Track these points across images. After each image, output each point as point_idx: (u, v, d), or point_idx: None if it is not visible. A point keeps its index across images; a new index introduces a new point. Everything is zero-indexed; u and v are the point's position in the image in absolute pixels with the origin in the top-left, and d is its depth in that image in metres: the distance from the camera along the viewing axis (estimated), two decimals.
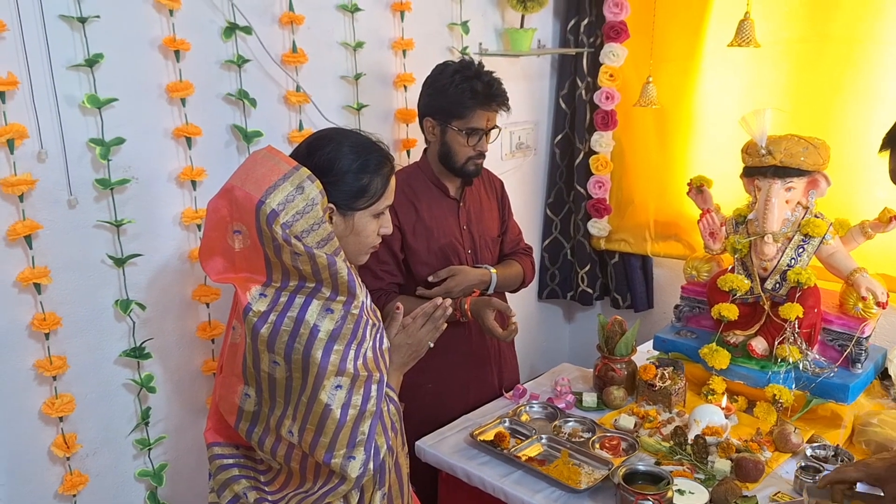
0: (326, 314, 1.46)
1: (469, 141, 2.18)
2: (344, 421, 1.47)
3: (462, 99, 2.13)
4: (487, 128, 2.19)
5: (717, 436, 2.02)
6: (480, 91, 2.14)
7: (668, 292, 3.25)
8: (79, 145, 1.87)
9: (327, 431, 1.47)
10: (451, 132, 2.18)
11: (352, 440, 1.48)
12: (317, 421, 1.47)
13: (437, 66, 2.21)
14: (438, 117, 2.20)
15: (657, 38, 2.86)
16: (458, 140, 2.18)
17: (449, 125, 2.18)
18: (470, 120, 2.16)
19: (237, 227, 1.47)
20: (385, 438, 1.55)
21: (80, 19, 1.79)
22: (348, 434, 1.48)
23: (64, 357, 1.92)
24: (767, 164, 2.24)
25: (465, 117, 2.16)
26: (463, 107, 2.14)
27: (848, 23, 2.55)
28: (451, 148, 2.20)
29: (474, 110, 2.15)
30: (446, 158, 2.23)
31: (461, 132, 2.17)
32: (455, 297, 2.21)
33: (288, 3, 2.21)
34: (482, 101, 2.15)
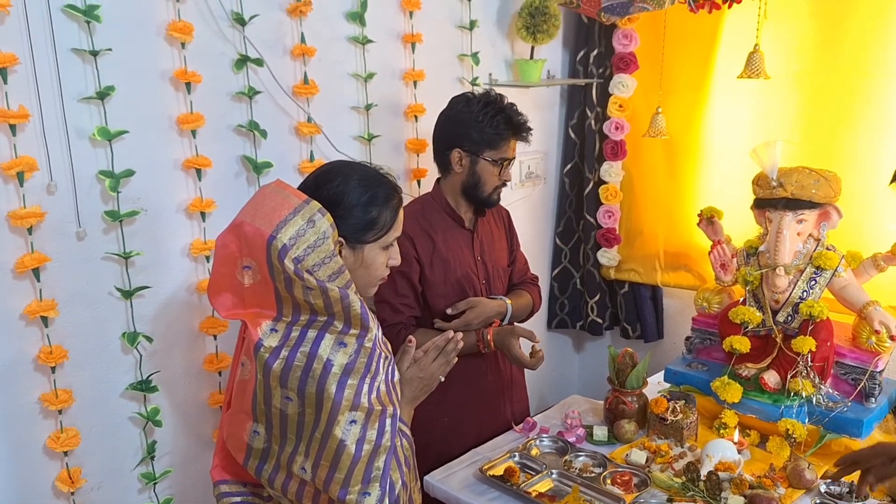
0: (340, 348, 1.45)
1: (498, 170, 2.21)
2: (359, 456, 1.45)
3: (498, 130, 2.16)
4: (513, 156, 2.24)
5: (730, 471, 1.99)
6: (515, 122, 2.19)
7: (679, 322, 3.22)
8: (88, 177, 1.87)
9: (342, 467, 1.44)
10: (482, 163, 2.19)
11: (367, 476, 1.46)
12: (331, 457, 1.44)
13: (457, 98, 2.21)
14: (469, 148, 2.19)
15: (666, 69, 2.87)
16: (489, 170, 2.20)
17: (481, 156, 2.19)
18: (502, 150, 2.19)
19: (247, 263, 1.46)
20: (400, 474, 1.52)
21: (92, 52, 1.80)
22: (363, 469, 1.46)
23: (70, 390, 1.91)
24: (778, 197, 2.22)
25: (498, 147, 2.18)
26: (500, 138, 2.17)
27: (858, 55, 2.55)
28: (482, 178, 2.21)
29: (508, 140, 2.19)
30: (474, 188, 2.23)
31: (494, 162, 2.19)
32: (475, 329, 2.21)
33: (300, 36, 2.22)
34: (515, 131, 2.19)
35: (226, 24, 2.06)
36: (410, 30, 2.55)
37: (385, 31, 2.49)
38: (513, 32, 2.91)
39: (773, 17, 2.63)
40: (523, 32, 2.81)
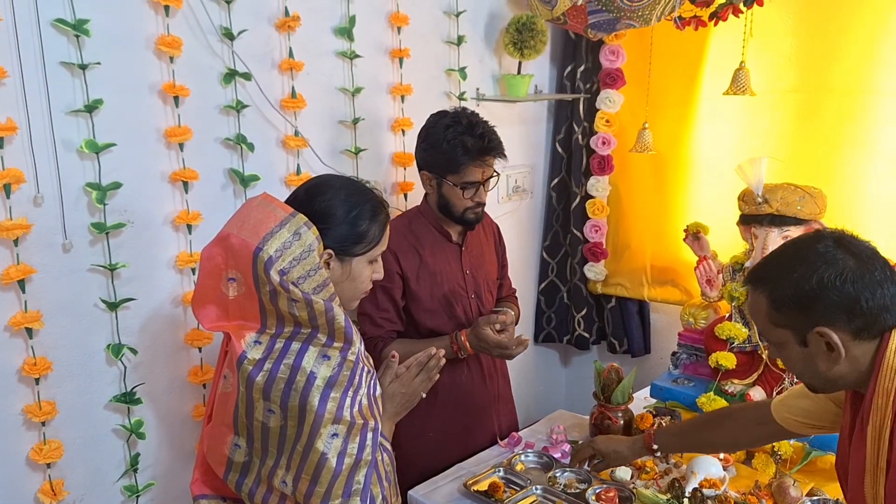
0: (323, 361, 1.45)
1: (465, 194, 2.15)
2: (340, 469, 1.45)
3: (455, 155, 2.10)
4: (483, 179, 2.15)
5: (714, 488, 1.99)
6: (472, 147, 2.09)
7: (666, 337, 3.23)
8: (75, 190, 1.87)
9: (323, 481, 1.44)
10: (446, 186, 2.15)
11: (347, 489, 1.46)
12: (312, 470, 1.44)
13: (431, 116, 2.18)
14: (434, 171, 2.17)
15: (653, 85, 2.89)
16: (454, 193, 2.15)
17: (444, 179, 2.15)
18: (464, 175, 2.12)
19: (232, 275, 1.46)
20: (381, 488, 1.52)
21: (81, 66, 1.80)
22: (344, 483, 1.45)
23: (53, 402, 1.89)
24: (764, 213, 2.25)
25: (459, 173, 2.12)
26: (456, 163, 2.10)
27: (842, 73, 2.58)
28: (449, 200, 2.18)
29: (468, 166, 2.11)
30: (445, 209, 2.21)
31: (457, 186, 2.14)
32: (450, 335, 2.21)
33: (288, 50, 2.23)
34: (474, 157, 2.10)
35: (214, 38, 2.06)
36: (398, 45, 2.56)
37: (373, 45, 2.50)
38: (500, 48, 2.92)
39: (759, 34, 2.66)
40: (511, 48, 2.83)
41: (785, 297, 1.33)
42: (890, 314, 1.29)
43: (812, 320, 1.30)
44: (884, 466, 1.30)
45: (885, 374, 1.30)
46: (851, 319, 1.29)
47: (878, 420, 1.30)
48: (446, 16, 2.75)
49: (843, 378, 1.35)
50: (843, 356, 1.31)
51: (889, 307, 1.29)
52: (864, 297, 1.27)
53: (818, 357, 1.34)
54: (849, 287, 1.27)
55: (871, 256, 1.31)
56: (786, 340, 1.37)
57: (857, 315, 1.28)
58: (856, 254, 1.30)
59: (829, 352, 1.32)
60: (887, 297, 1.28)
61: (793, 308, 1.32)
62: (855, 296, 1.27)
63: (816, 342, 1.32)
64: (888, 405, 1.29)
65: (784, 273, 1.34)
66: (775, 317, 1.36)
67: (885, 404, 1.29)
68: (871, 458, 1.32)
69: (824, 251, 1.31)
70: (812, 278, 1.29)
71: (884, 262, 1.32)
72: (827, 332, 1.29)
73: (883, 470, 1.30)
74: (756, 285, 1.40)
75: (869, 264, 1.29)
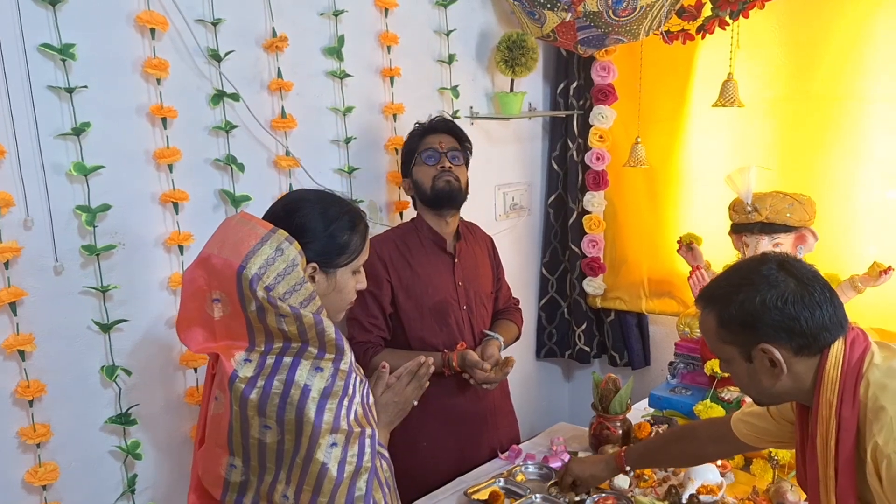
0: (316, 373, 1.45)
1: (428, 163, 2.28)
2: (341, 478, 1.45)
3: (410, 140, 2.34)
4: (442, 149, 2.30)
5: (712, 494, 1.98)
6: (420, 126, 2.35)
7: (665, 349, 3.22)
8: (65, 212, 1.88)
9: (325, 491, 1.44)
10: (415, 170, 2.31)
11: (350, 497, 1.46)
12: (314, 481, 1.44)
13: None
14: (405, 170, 2.35)
15: (644, 99, 2.92)
16: (420, 170, 2.30)
17: (412, 167, 2.31)
18: (420, 149, 2.30)
19: (216, 296, 1.47)
20: (382, 493, 1.53)
21: (68, 90, 1.83)
22: (346, 491, 1.45)
23: (48, 424, 1.90)
24: (754, 221, 2.26)
25: (418, 149, 2.30)
26: (413, 144, 2.32)
27: (830, 81, 2.59)
28: (419, 181, 2.30)
29: (422, 139, 2.31)
30: (422, 194, 2.31)
31: (419, 163, 2.29)
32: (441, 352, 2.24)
33: (276, 71, 2.26)
34: (425, 130, 2.33)
35: (201, 60, 2.09)
36: (388, 64, 2.59)
37: (363, 65, 2.52)
38: (492, 66, 2.95)
39: (746, 46, 2.69)
40: (502, 66, 2.86)
41: (731, 316, 1.42)
42: (829, 333, 1.38)
43: (756, 338, 1.39)
44: (832, 475, 1.37)
45: (826, 387, 1.38)
46: (792, 338, 1.37)
47: (824, 430, 1.39)
48: (436, 35, 2.78)
49: (787, 393, 1.45)
50: (786, 372, 1.39)
51: (828, 326, 1.38)
52: (803, 318, 1.36)
53: (762, 373, 1.42)
54: (789, 308, 1.36)
55: (812, 279, 1.40)
56: (733, 357, 1.45)
57: (798, 334, 1.37)
58: (797, 277, 1.39)
59: (772, 367, 1.40)
60: (826, 317, 1.37)
61: (738, 326, 1.41)
62: (795, 316, 1.36)
63: (760, 358, 1.40)
64: (831, 416, 1.38)
65: (730, 294, 1.43)
66: (723, 334, 1.44)
67: (829, 415, 1.38)
68: (822, 467, 1.40)
69: (767, 273, 1.40)
70: (755, 299, 1.38)
71: (824, 283, 1.40)
72: (769, 348, 1.38)
73: (832, 478, 1.38)
74: (706, 304, 1.49)
75: (809, 286, 1.38)
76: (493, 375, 2.21)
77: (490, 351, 2.26)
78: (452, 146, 2.32)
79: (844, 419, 1.36)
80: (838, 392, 1.37)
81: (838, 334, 1.39)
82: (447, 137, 2.32)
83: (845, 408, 1.36)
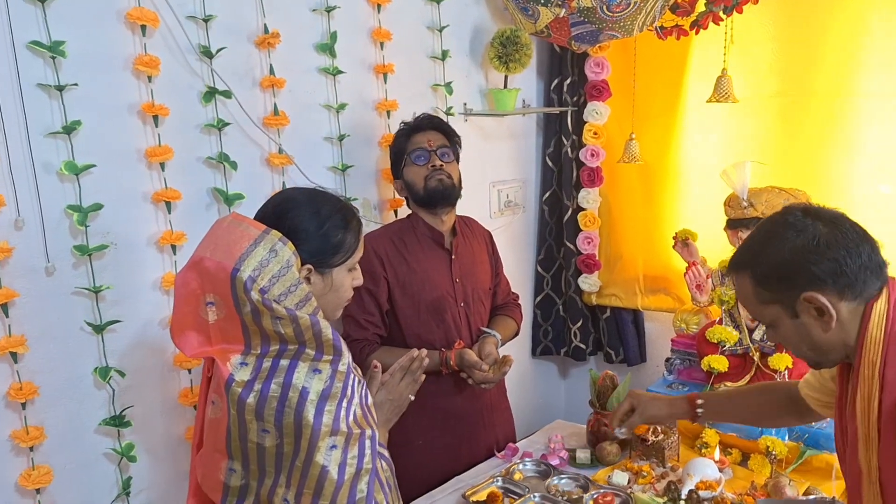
0: (314, 375, 1.44)
1: (418, 163, 2.27)
2: (342, 481, 1.43)
3: (398, 140, 2.32)
4: (431, 147, 2.28)
5: (711, 490, 1.98)
6: (407, 125, 2.34)
7: (660, 346, 3.22)
8: (56, 212, 1.86)
9: (326, 494, 1.43)
10: (405, 171, 2.29)
11: (351, 499, 1.44)
12: (314, 484, 1.42)
13: None
14: (396, 171, 2.34)
15: (638, 95, 2.91)
16: (411, 171, 2.28)
17: (402, 168, 2.30)
18: (410, 148, 2.29)
19: (210, 299, 1.45)
20: (384, 494, 1.51)
21: (58, 87, 1.81)
22: (347, 493, 1.44)
23: (41, 427, 1.88)
24: (749, 216, 2.25)
25: (407, 150, 2.29)
26: (400, 144, 2.30)
27: (823, 76, 2.60)
28: (411, 181, 2.29)
29: (409, 138, 2.30)
30: (415, 195, 2.29)
31: (409, 163, 2.28)
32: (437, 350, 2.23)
33: (269, 67, 2.24)
34: (411, 129, 2.32)
35: (193, 57, 2.07)
36: (382, 60, 2.58)
37: (356, 61, 2.51)
38: (486, 62, 2.94)
39: (740, 41, 2.68)
40: (496, 62, 2.84)
41: (766, 273, 1.37)
42: (870, 272, 1.34)
43: (797, 289, 1.34)
44: (875, 436, 1.34)
45: (868, 347, 1.34)
46: (835, 280, 1.32)
47: (866, 390, 1.35)
48: (430, 31, 2.77)
49: (836, 350, 1.39)
50: (835, 318, 1.34)
51: (867, 265, 1.33)
52: (840, 257, 1.32)
53: (811, 326, 1.37)
54: (823, 249, 1.32)
55: (841, 219, 1.36)
56: (778, 317, 1.40)
57: (839, 274, 1.32)
58: (825, 219, 1.35)
59: (821, 317, 1.35)
60: (864, 255, 1.33)
61: (775, 282, 1.36)
62: (832, 257, 1.32)
63: (806, 310, 1.35)
64: (874, 376, 1.33)
65: (760, 251, 1.39)
66: (762, 294, 1.39)
67: (871, 375, 1.34)
68: (862, 427, 1.37)
69: (794, 221, 1.36)
70: (786, 248, 1.34)
71: (853, 223, 1.36)
72: (814, 296, 1.32)
73: (874, 440, 1.34)
74: (738, 270, 1.44)
75: (840, 226, 1.34)
76: (491, 375, 2.20)
77: (488, 349, 2.25)
78: (441, 143, 2.30)
79: (888, 381, 1.32)
80: (881, 353, 1.33)
81: (878, 279, 1.35)
82: (435, 134, 2.31)
83: (889, 370, 1.32)
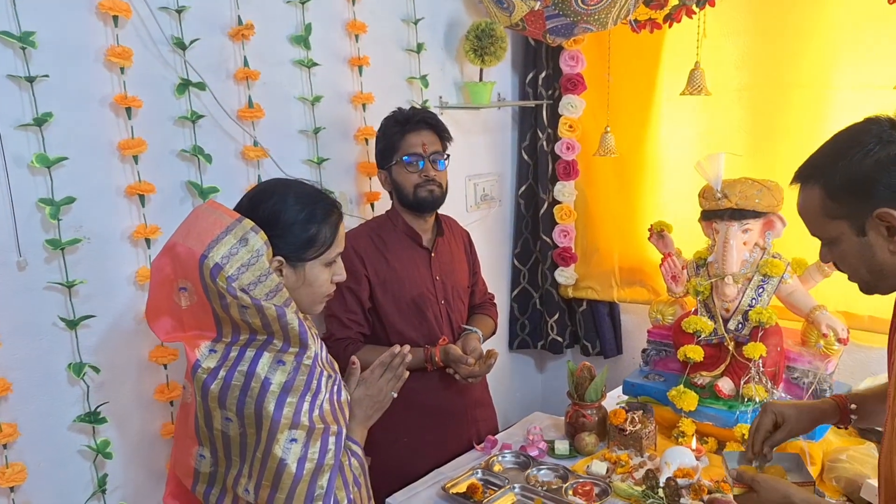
0: (278, 366, 1.44)
1: (409, 168, 2.22)
2: (301, 475, 1.43)
3: (389, 133, 2.25)
4: (426, 152, 2.24)
5: (688, 478, 2.00)
6: (401, 119, 2.25)
7: (636, 337, 3.24)
8: (28, 206, 1.83)
9: (283, 487, 1.43)
10: (394, 170, 2.26)
11: (309, 495, 1.45)
12: (272, 476, 1.43)
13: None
14: (383, 164, 2.29)
15: (613, 89, 2.93)
16: (401, 173, 2.24)
17: (391, 165, 2.25)
18: (403, 148, 2.23)
19: (182, 285, 1.46)
20: (346, 493, 1.50)
21: (29, 79, 1.78)
22: (305, 488, 1.44)
23: (14, 424, 1.85)
24: (724, 208, 2.27)
25: (398, 148, 2.23)
26: (393, 139, 2.24)
27: (795, 69, 2.62)
28: (399, 183, 2.26)
29: (402, 136, 2.23)
30: (402, 197, 2.27)
31: (400, 163, 2.23)
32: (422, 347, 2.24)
33: (243, 59, 2.22)
34: (405, 126, 2.24)
35: (166, 48, 2.05)
36: (357, 53, 2.57)
37: (331, 54, 2.49)
38: (461, 55, 2.94)
39: (712, 35, 2.70)
40: (471, 55, 2.84)
41: (840, 184, 1.28)
42: None
43: (871, 204, 1.25)
44: None
45: None
46: None
47: None
48: (405, 24, 2.76)
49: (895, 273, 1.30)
50: None
51: None
52: None
53: (877, 246, 1.28)
54: None
55: None
56: (841, 233, 1.31)
57: None
58: None
59: (890, 237, 1.26)
60: None
61: (849, 194, 1.27)
62: None
63: (875, 228, 1.26)
64: None
65: (837, 159, 1.28)
66: (830, 207, 1.30)
67: None
68: None
69: (879, 132, 1.26)
70: (867, 160, 1.24)
71: None
72: (889, 212, 1.23)
73: None
74: (807, 179, 1.35)
75: None
76: (477, 369, 2.21)
77: (472, 345, 2.26)
78: (435, 149, 2.26)
79: None
80: None
81: None
82: (430, 136, 2.26)
83: None
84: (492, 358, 2.25)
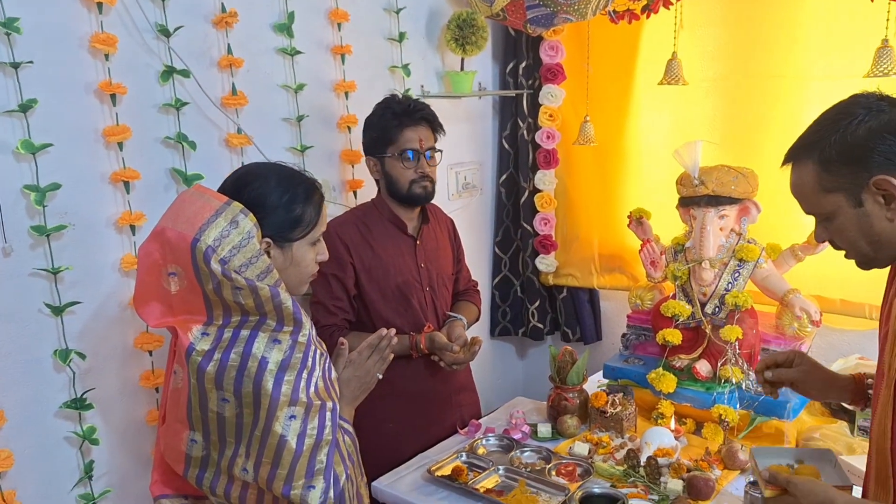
0: (274, 345, 1.46)
1: (406, 164, 2.22)
2: (301, 450, 1.45)
3: (386, 124, 2.22)
4: (422, 148, 2.24)
5: (668, 457, 2.05)
6: (399, 111, 2.22)
7: (616, 323, 3.29)
8: (13, 192, 1.83)
9: (284, 463, 1.45)
10: (388, 161, 2.24)
11: (310, 469, 1.46)
12: (272, 454, 1.45)
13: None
14: (374, 152, 2.27)
15: (592, 78, 2.96)
16: (396, 167, 2.23)
17: (384, 156, 2.24)
18: (400, 143, 2.22)
19: (172, 269, 1.46)
20: (344, 467, 1.53)
21: (13, 65, 1.78)
22: (306, 463, 1.46)
23: (1, 411, 1.85)
24: (701, 194, 2.32)
25: (395, 141, 2.22)
26: (389, 131, 2.21)
27: (770, 59, 2.66)
28: (393, 177, 2.25)
29: (400, 130, 2.21)
30: (393, 189, 2.27)
31: (396, 157, 2.22)
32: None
33: (227, 47, 2.23)
34: (404, 119, 2.21)
35: (150, 35, 2.05)
36: (339, 41, 2.58)
37: (314, 42, 2.50)
38: (442, 44, 2.96)
39: (689, 25, 2.75)
40: (453, 44, 2.87)
41: (834, 155, 1.28)
42: None
43: (867, 173, 1.25)
44: None
45: None
46: None
47: None
48: (387, 13, 2.77)
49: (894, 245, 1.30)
50: None
51: None
52: None
53: (874, 216, 1.27)
54: None
55: None
56: (838, 206, 1.30)
57: None
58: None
59: (888, 205, 1.26)
60: None
61: (844, 165, 1.27)
62: None
63: (872, 197, 1.26)
64: None
65: (829, 133, 1.29)
66: (826, 181, 1.30)
67: None
68: (893, 326, 1.32)
69: (867, 103, 1.27)
70: (859, 130, 1.25)
71: None
72: (887, 179, 1.23)
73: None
74: (800, 155, 1.35)
75: None
76: (462, 356, 2.23)
77: (458, 332, 2.28)
78: (431, 145, 2.27)
79: None
80: None
81: None
82: (426, 132, 2.25)
83: None
84: (476, 345, 2.27)
